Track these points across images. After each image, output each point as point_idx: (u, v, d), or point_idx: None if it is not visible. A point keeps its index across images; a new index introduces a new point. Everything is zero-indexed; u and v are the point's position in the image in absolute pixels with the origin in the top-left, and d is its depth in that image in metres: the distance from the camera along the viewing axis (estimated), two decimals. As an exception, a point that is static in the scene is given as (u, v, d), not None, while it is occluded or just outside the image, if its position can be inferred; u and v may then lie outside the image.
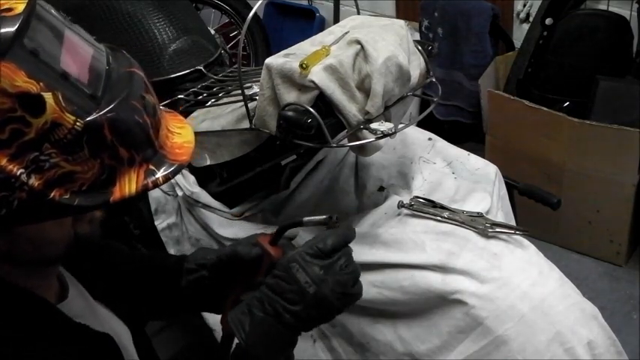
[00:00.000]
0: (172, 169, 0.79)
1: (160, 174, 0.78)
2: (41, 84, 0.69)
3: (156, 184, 0.77)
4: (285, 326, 0.88)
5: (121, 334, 0.95)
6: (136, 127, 0.76)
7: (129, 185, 0.76)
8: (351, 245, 0.96)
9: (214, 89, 1.52)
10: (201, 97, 1.49)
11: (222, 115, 1.36)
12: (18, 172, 0.69)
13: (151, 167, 0.78)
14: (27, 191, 0.70)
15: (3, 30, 0.67)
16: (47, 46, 0.70)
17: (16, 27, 0.68)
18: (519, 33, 2.73)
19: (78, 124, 0.71)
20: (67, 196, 0.72)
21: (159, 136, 0.80)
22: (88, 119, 0.71)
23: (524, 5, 2.73)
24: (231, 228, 1.37)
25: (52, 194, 0.71)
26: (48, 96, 0.69)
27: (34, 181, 0.70)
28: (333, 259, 0.89)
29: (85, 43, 0.76)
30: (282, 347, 0.91)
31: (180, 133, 0.84)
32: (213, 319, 1.36)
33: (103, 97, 0.74)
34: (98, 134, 0.72)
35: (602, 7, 2.47)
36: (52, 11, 0.74)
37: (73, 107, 0.71)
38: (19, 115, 0.68)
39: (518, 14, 2.77)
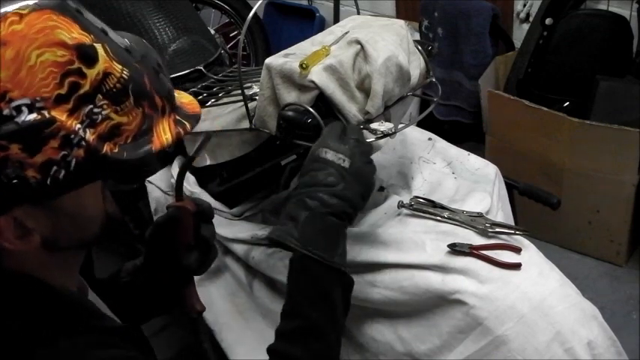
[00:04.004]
0: (193, 118, 0.86)
1: (186, 122, 0.84)
2: (92, 36, 0.74)
3: (186, 131, 0.84)
4: (335, 212, 0.92)
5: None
6: (164, 78, 0.83)
7: (164, 134, 0.81)
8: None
9: (214, 89, 1.52)
10: (201, 97, 1.49)
11: (222, 115, 1.36)
12: (76, 127, 0.72)
13: (178, 118, 0.84)
14: (84, 147, 0.72)
15: None
16: (81, 9, 0.76)
17: None
18: (519, 33, 2.73)
19: (125, 72, 0.76)
20: (116, 150, 0.75)
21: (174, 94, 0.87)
22: (131, 68, 0.77)
23: (524, 5, 2.73)
24: (231, 228, 1.37)
25: (105, 149, 0.74)
26: (99, 46, 0.74)
27: (89, 136, 0.73)
28: (349, 136, 0.98)
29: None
30: (337, 239, 0.94)
31: (182, 97, 0.91)
32: (213, 319, 1.36)
33: (134, 50, 0.80)
34: (140, 82, 0.78)
35: (602, 7, 2.47)
36: None
37: (118, 57, 0.76)
38: (77, 67, 0.71)
39: (518, 14, 2.77)
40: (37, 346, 0.75)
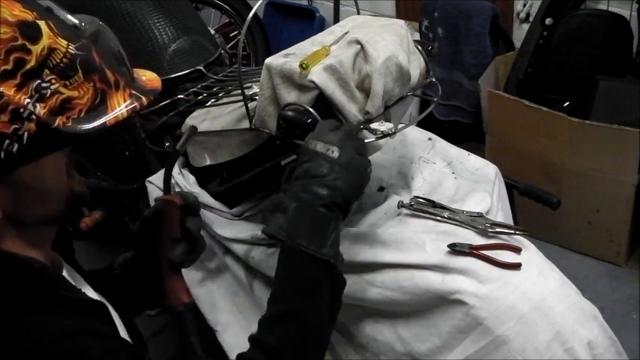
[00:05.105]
0: (151, 92, 0.88)
1: (143, 97, 0.87)
2: (34, 13, 0.76)
3: (142, 105, 0.86)
4: (324, 203, 0.92)
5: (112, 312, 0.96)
6: (116, 53, 0.86)
7: (119, 108, 0.83)
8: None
9: (214, 89, 1.52)
10: (201, 97, 1.49)
11: (222, 115, 1.36)
12: (25, 102, 0.74)
13: (134, 92, 0.86)
14: (35, 121, 0.75)
15: None
16: None
17: None
18: (519, 33, 2.73)
19: (71, 47, 0.78)
20: (69, 124, 0.78)
21: (132, 70, 0.89)
22: (78, 43, 0.79)
23: (524, 5, 2.73)
24: (231, 228, 1.37)
25: (57, 123, 0.77)
26: (42, 23, 0.76)
27: (39, 110, 0.75)
28: (340, 129, 0.99)
29: None
30: (326, 230, 0.93)
31: (145, 74, 0.93)
32: (214, 319, 1.36)
33: (84, 27, 0.82)
34: (88, 57, 0.80)
35: (602, 7, 2.47)
36: None
37: (64, 33, 0.78)
38: (20, 43, 0.74)
39: (518, 14, 2.77)
40: (5, 316, 0.76)
